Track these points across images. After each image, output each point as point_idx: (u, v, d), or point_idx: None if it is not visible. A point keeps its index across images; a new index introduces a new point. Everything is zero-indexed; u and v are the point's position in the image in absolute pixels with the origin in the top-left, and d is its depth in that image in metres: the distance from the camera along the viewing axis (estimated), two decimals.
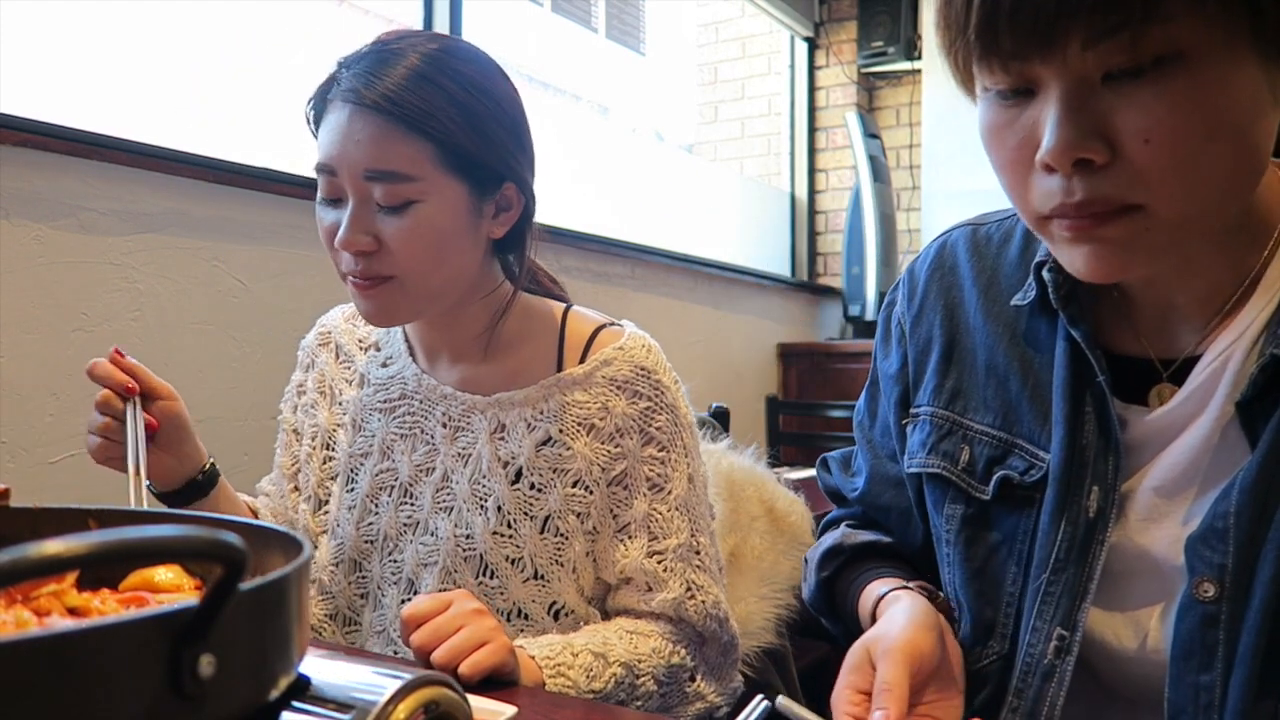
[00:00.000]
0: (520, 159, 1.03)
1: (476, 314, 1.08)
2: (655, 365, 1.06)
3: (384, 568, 1.09)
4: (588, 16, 9.04)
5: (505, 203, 1.04)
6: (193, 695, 0.38)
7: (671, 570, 1.03)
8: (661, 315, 3.17)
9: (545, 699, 0.83)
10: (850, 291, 3.96)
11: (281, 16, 2.29)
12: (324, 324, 1.23)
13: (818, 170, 4.43)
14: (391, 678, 0.51)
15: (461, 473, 1.06)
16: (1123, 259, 0.64)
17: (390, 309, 1.01)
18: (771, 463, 1.47)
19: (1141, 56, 0.58)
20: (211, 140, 1.86)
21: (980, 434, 0.80)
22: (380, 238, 0.97)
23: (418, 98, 0.95)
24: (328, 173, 0.98)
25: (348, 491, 1.12)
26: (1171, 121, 0.59)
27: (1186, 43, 0.58)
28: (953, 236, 0.88)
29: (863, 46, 4.20)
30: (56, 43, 1.80)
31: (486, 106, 0.99)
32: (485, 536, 1.03)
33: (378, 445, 1.11)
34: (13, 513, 0.62)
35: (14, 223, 1.52)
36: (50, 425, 1.55)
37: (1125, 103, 0.59)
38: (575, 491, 1.03)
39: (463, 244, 1.00)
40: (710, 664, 1.08)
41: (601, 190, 3.34)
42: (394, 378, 1.13)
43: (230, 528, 0.45)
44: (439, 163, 0.96)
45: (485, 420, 1.06)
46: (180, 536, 0.38)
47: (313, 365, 1.21)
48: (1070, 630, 0.73)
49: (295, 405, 1.21)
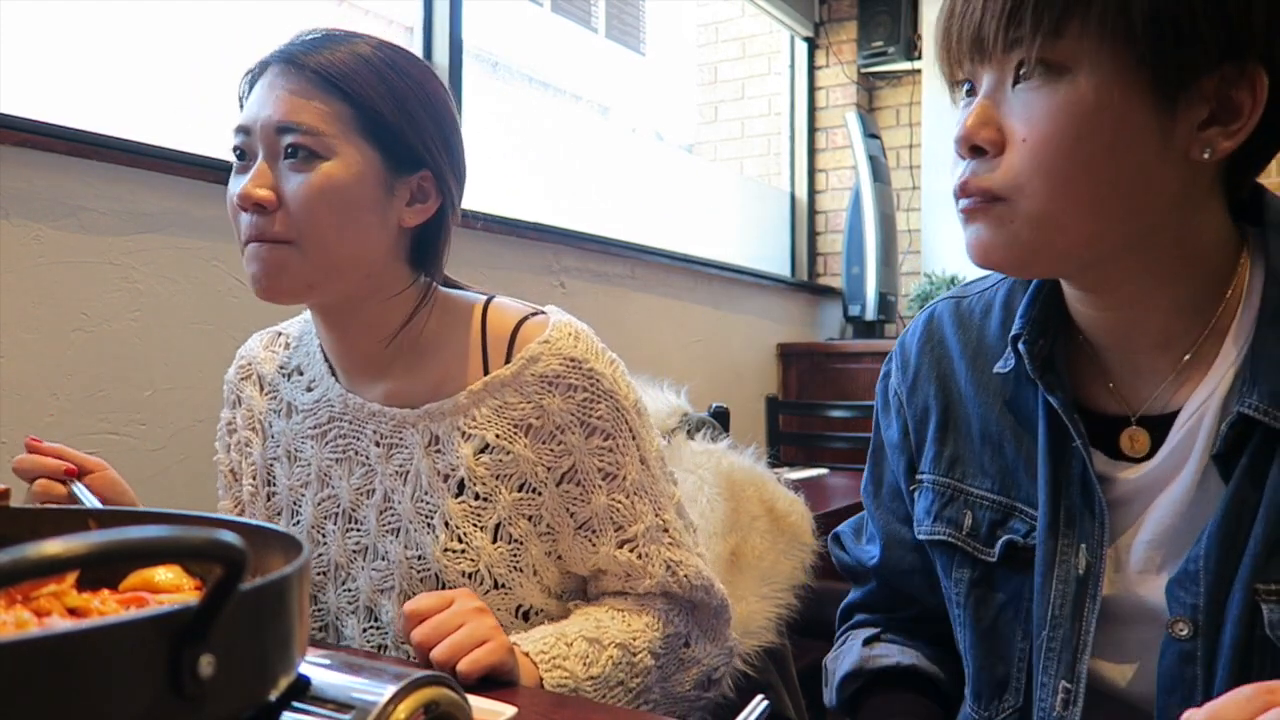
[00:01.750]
0: (443, 154, 1.01)
1: (384, 314, 1.03)
2: (586, 353, 1.01)
3: (340, 597, 1.07)
4: (588, 16, 9.04)
5: (421, 193, 1.01)
6: (193, 695, 0.38)
7: (647, 555, 1.02)
8: (661, 315, 3.17)
9: (545, 699, 0.83)
10: (850, 291, 3.95)
11: (281, 16, 2.29)
12: (243, 355, 1.19)
13: (818, 170, 4.43)
14: (391, 678, 0.51)
15: (402, 491, 1.03)
16: (990, 243, 0.72)
17: (282, 275, 0.95)
18: (771, 463, 1.47)
19: (1034, 63, 0.68)
20: (211, 140, 1.85)
21: (980, 499, 0.84)
22: (281, 195, 0.95)
23: (346, 66, 0.95)
24: (242, 133, 0.98)
25: (293, 525, 1.10)
26: (1045, 123, 0.68)
27: (1072, 59, 0.67)
28: (938, 310, 0.93)
29: (863, 46, 4.20)
30: (56, 43, 1.80)
31: (413, 91, 0.98)
32: (437, 555, 1.01)
33: (315, 473, 1.08)
34: (13, 513, 0.62)
35: (14, 223, 1.52)
36: (50, 425, 1.55)
37: (1020, 105, 0.70)
38: (523, 495, 1.01)
39: (367, 218, 0.97)
40: (703, 627, 1.08)
41: (601, 190, 3.34)
42: (319, 401, 1.09)
43: (230, 528, 0.45)
44: (353, 125, 0.95)
45: (418, 434, 1.03)
46: (180, 536, 0.38)
47: (239, 401, 1.17)
48: (1074, 682, 0.77)
49: (228, 445, 1.17)
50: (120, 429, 1.66)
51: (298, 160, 0.94)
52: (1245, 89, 0.67)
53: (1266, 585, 0.69)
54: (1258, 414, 0.69)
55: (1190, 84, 0.67)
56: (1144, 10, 0.65)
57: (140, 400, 1.68)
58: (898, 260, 3.98)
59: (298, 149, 0.94)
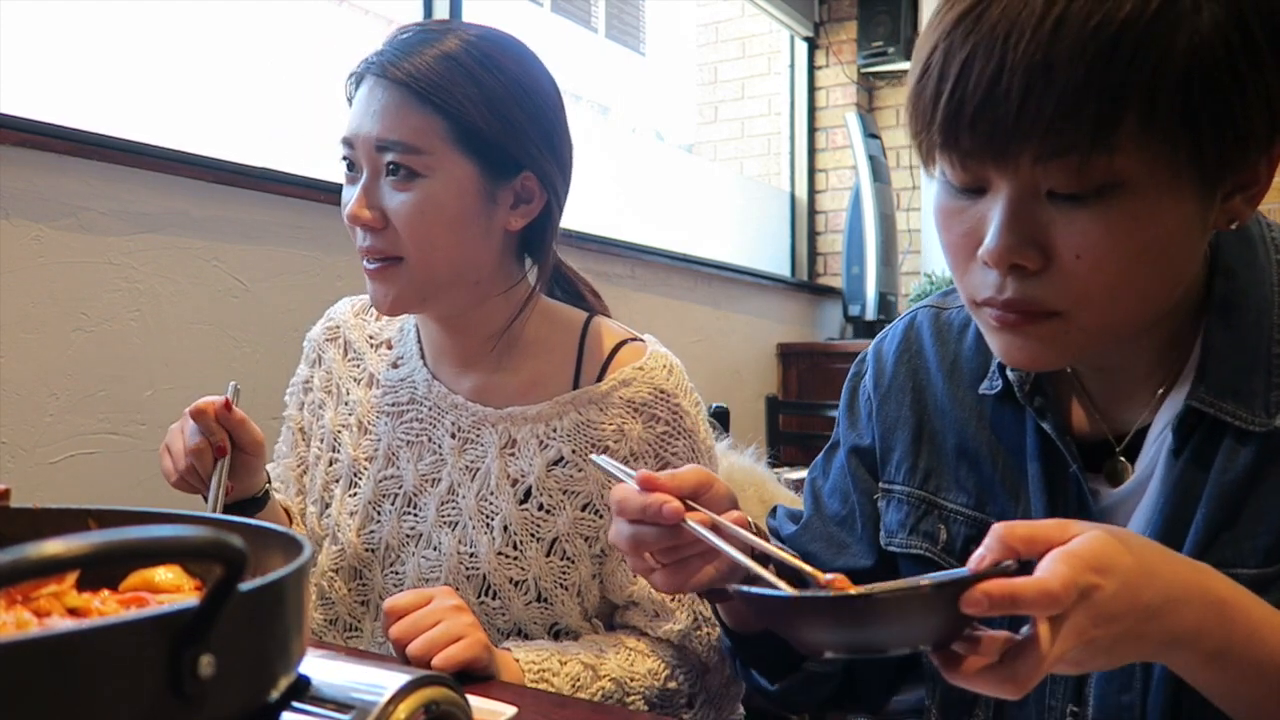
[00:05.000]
0: (545, 152, 1.00)
1: (491, 313, 1.04)
2: (675, 388, 1.02)
3: (385, 579, 1.07)
4: (587, 16, 9.03)
5: (525, 194, 1.00)
6: (192, 695, 0.38)
7: (680, 601, 1.01)
8: (661, 315, 3.17)
9: (545, 699, 0.83)
10: (850, 291, 3.95)
11: (281, 16, 2.29)
12: (331, 317, 1.19)
13: (818, 170, 4.43)
14: (391, 678, 0.51)
15: (469, 487, 1.03)
16: (1042, 354, 0.68)
17: (396, 295, 0.98)
18: (771, 463, 1.47)
19: (1085, 182, 0.61)
20: (211, 140, 1.86)
21: (955, 513, 0.83)
22: (387, 214, 0.96)
23: (436, 73, 0.94)
24: (347, 145, 0.98)
25: (350, 496, 1.09)
26: (1104, 244, 0.62)
27: (1129, 174, 0.60)
28: (918, 318, 0.91)
29: (863, 46, 4.20)
30: (56, 43, 1.80)
31: (509, 90, 0.97)
32: (490, 556, 1.01)
33: (383, 450, 1.08)
34: (13, 513, 0.62)
35: (14, 223, 1.52)
36: (50, 425, 1.55)
37: (1064, 219, 0.63)
38: (585, 515, 1.01)
39: (471, 229, 0.97)
40: (711, 693, 1.06)
41: (601, 190, 3.34)
42: (404, 380, 1.09)
43: (230, 528, 0.45)
44: (449, 138, 0.95)
45: (495, 434, 1.03)
46: (180, 536, 0.38)
47: (319, 361, 1.17)
48: (1081, 705, 0.76)
49: (302, 403, 1.17)
50: (120, 429, 1.66)
51: (398, 179, 0.95)
52: (1266, 156, 0.65)
53: None
54: (1203, 405, 0.70)
55: (1237, 170, 0.64)
56: (1202, 104, 0.59)
57: (140, 400, 1.68)
58: (898, 260, 3.98)
59: (398, 167, 0.95)
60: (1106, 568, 0.55)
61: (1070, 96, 0.59)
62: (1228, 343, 0.71)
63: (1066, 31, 0.59)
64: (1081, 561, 0.54)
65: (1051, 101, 0.59)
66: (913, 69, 0.66)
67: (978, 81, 0.61)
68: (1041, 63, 0.59)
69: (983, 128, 0.61)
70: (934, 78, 0.64)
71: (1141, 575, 0.56)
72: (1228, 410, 0.69)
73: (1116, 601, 0.55)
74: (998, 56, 0.60)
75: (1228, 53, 0.59)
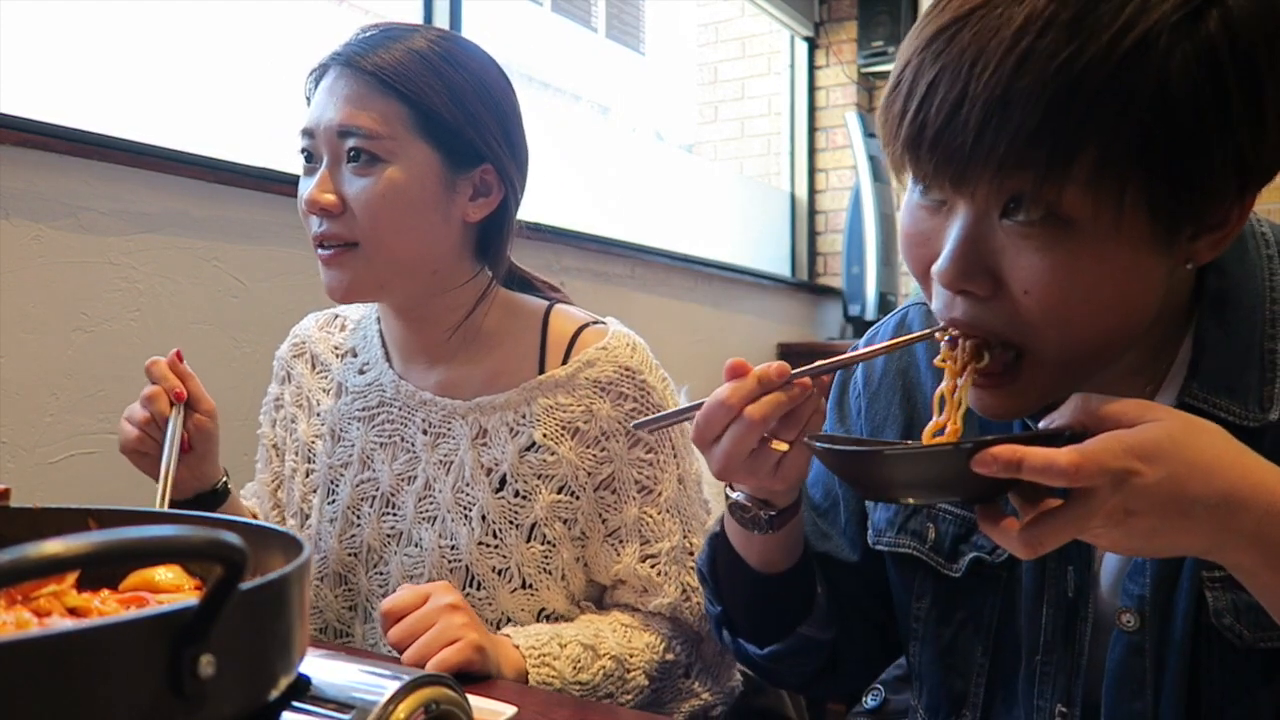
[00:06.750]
0: (503, 146, 1.02)
1: (451, 305, 1.05)
2: (640, 364, 1.04)
3: (370, 580, 1.08)
4: (587, 16, 9.03)
5: (484, 187, 1.02)
6: (192, 695, 0.38)
7: (666, 574, 1.03)
8: (661, 315, 3.17)
9: (545, 699, 0.83)
10: (850, 291, 3.95)
11: (281, 16, 2.29)
12: (297, 334, 1.21)
13: (818, 170, 4.42)
14: (391, 678, 0.51)
15: (444, 481, 1.04)
16: (1016, 402, 0.68)
17: (351, 280, 0.99)
18: None
19: (1033, 212, 0.61)
20: (211, 140, 1.86)
21: (944, 512, 0.83)
22: (345, 199, 0.97)
23: (402, 65, 0.96)
24: (308, 135, 0.99)
25: (328, 504, 1.10)
26: (1049, 279, 0.62)
27: (1076, 214, 0.60)
28: (909, 316, 0.91)
29: (863, 46, 4.20)
30: (56, 43, 1.80)
31: (471, 85, 0.99)
32: (471, 547, 1.02)
33: (357, 455, 1.09)
34: (13, 513, 0.62)
35: (14, 223, 1.52)
36: (50, 425, 1.55)
37: (1014, 249, 0.63)
38: (561, 498, 1.02)
39: (430, 217, 0.99)
40: (707, 661, 1.08)
41: (601, 190, 3.34)
42: (371, 385, 1.10)
43: (230, 528, 0.45)
44: (412, 125, 0.96)
45: (466, 426, 1.04)
46: (180, 536, 0.38)
47: (289, 378, 1.18)
48: (1070, 705, 0.75)
49: (274, 420, 1.19)
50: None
51: (359, 164, 0.96)
52: (1237, 206, 0.64)
53: (1211, 572, 0.68)
54: (1197, 402, 0.69)
55: (1200, 218, 0.63)
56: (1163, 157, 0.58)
57: None
58: (898, 260, 3.97)
59: (359, 153, 0.96)
60: (1153, 456, 0.55)
61: (1024, 135, 0.58)
62: (1221, 340, 0.70)
63: (1029, 68, 0.58)
64: (1123, 446, 0.54)
65: (1005, 138, 0.59)
66: (890, 78, 0.67)
67: (939, 107, 0.61)
68: (1000, 98, 0.58)
69: (942, 152, 0.62)
70: (902, 94, 0.64)
71: (1194, 470, 0.55)
72: (1222, 406, 0.69)
73: (1156, 491, 0.54)
74: (961, 84, 0.60)
75: (1195, 110, 0.58)
